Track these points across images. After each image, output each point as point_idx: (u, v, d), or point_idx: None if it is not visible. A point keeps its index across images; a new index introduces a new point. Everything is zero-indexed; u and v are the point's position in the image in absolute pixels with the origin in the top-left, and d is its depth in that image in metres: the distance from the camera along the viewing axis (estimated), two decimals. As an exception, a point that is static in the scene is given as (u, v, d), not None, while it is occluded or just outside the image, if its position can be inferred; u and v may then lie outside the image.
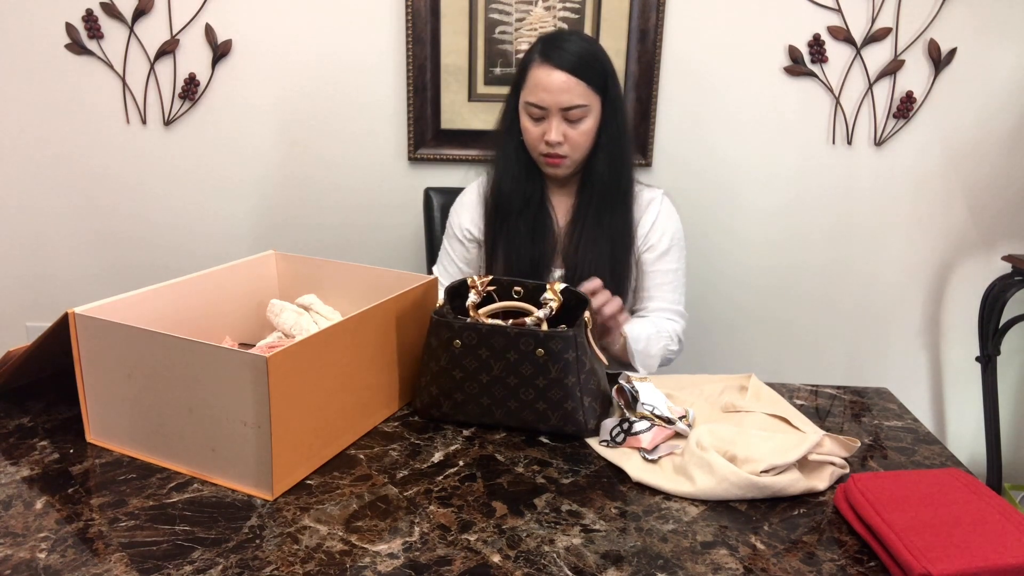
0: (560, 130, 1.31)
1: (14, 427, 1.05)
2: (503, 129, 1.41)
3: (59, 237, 2.08)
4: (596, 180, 1.37)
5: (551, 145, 1.32)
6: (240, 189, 2.05)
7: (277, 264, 1.34)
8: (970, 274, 2.05)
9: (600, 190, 1.38)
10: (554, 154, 1.34)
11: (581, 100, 1.29)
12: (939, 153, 1.96)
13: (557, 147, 1.33)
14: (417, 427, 1.09)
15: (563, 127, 1.31)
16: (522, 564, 0.79)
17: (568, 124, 1.31)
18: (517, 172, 1.41)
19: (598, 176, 1.37)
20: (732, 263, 2.06)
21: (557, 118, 1.30)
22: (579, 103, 1.29)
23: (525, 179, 1.41)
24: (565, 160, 1.35)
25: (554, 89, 1.29)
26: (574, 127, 1.32)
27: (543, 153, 1.35)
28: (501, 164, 1.43)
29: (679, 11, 1.88)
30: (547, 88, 1.29)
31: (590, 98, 1.31)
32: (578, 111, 1.30)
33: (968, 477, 0.89)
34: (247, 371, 0.86)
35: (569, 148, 1.33)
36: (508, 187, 1.41)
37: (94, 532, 0.82)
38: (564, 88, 1.28)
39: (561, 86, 1.28)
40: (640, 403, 1.05)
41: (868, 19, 1.86)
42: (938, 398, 2.17)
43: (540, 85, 1.30)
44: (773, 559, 0.82)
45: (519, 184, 1.41)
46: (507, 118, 1.40)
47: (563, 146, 1.32)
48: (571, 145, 1.33)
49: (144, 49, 1.93)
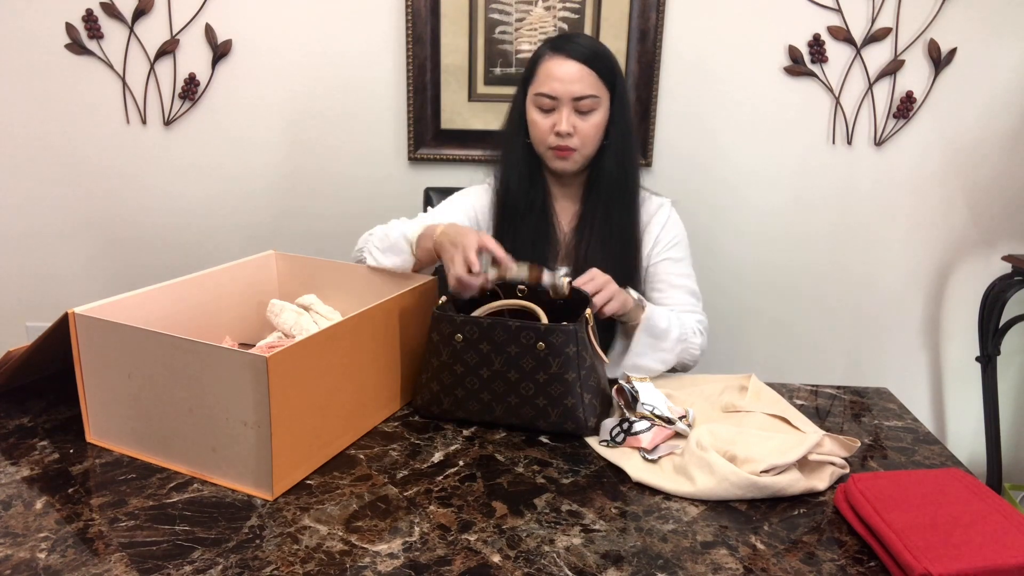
0: (571, 121, 1.30)
1: (14, 427, 1.05)
2: (510, 129, 1.40)
3: (59, 237, 2.08)
4: (604, 179, 1.36)
5: (561, 136, 1.31)
6: (240, 189, 2.05)
7: (277, 264, 1.34)
8: (970, 274, 2.05)
9: (607, 189, 1.36)
10: (564, 146, 1.32)
11: (592, 90, 1.29)
12: (939, 153, 1.96)
13: (567, 139, 1.31)
14: (417, 427, 1.09)
15: (573, 118, 1.30)
16: (522, 564, 0.79)
17: (578, 116, 1.30)
18: (523, 172, 1.39)
19: (606, 174, 1.36)
20: (732, 263, 2.06)
21: (568, 108, 1.30)
22: (591, 93, 1.29)
23: (530, 180, 1.40)
24: (574, 154, 1.33)
25: (566, 78, 1.28)
26: (584, 119, 1.31)
27: (552, 146, 1.33)
28: (508, 164, 1.41)
29: (679, 11, 1.88)
30: (559, 77, 1.29)
31: (600, 90, 1.30)
32: (589, 101, 1.29)
33: (968, 477, 0.89)
34: (247, 371, 0.86)
35: (579, 140, 1.32)
36: (515, 186, 1.39)
37: (94, 532, 0.82)
38: (576, 77, 1.28)
39: (573, 75, 1.28)
40: (640, 403, 1.05)
41: (868, 19, 1.86)
42: (938, 398, 2.17)
43: (552, 75, 1.29)
44: (773, 559, 0.82)
45: (524, 184, 1.39)
46: (514, 117, 1.39)
47: (573, 138, 1.31)
48: (581, 137, 1.31)
49: (144, 49, 1.93)
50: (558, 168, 1.36)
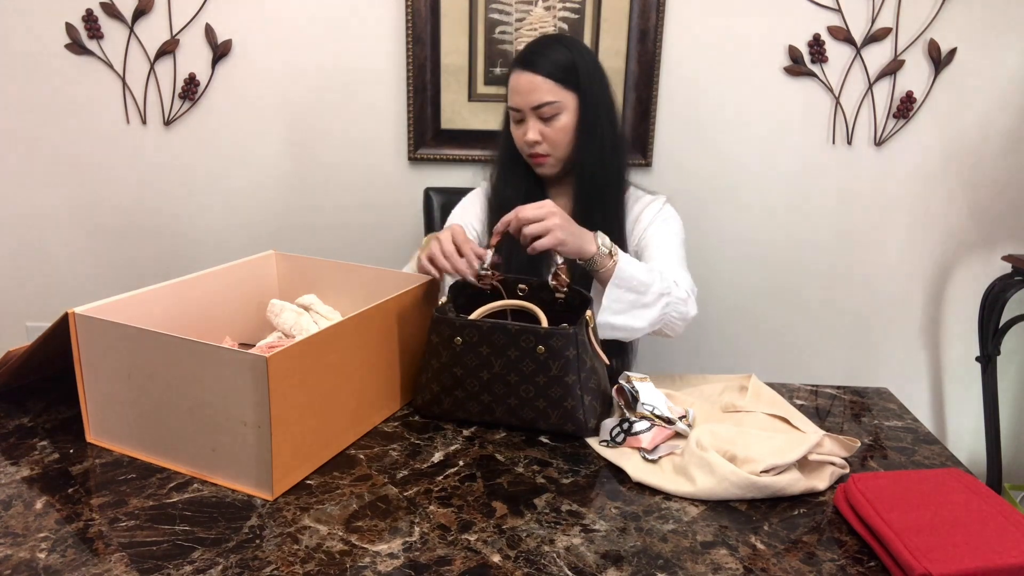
0: (536, 129, 1.35)
1: (14, 427, 1.05)
2: (504, 136, 1.46)
3: (59, 237, 2.08)
4: (586, 175, 1.40)
5: (530, 144, 1.36)
6: (240, 189, 2.05)
7: (277, 264, 1.34)
8: (970, 274, 2.05)
9: (590, 185, 1.40)
10: (536, 153, 1.38)
11: (549, 97, 1.33)
12: (939, 153, 1.96)
13: (536, 146, 1.36)
14: (417, 427, 1.09)
15: (539, 125, 1.35)
16: (522, 564, 0.79)
17: (543, 123, 1.35)
18: (516, 173, 1.45)
19: (588, 171, 1.39)
20: (732, 263, 2.06)
21: (532, 118, 1.35)
22: (547, 100, 1.33)
23: (524, 181, 1.45)
24: (548, 159, 1.38)
25: (522, 90, 1.34)
26: (549, 125, 1.35)
27: (527, 154, 1.40)
28: (501, 166, 1.47)
29: (679, 11, 1.88)
30: (518, 90, 1.35)
31: (560, 95, 1.34)
32: (548, 108, 1.33)
33: (968, 477, 0.89)
34: (247, 371, 0.86)
35: (549, 146, 1.37)
36: (508, 189, 1.45)
37: (94, 532, 0.82)
38: (530, 88, 1.33)
39: (527, 86, 1.33)
40: (640, 403, 1.05)
41: (868, 19, 1.86)
42: (938, 398, 2.17)
43: (514, 89, 1.36)
44: (773, 559, 0.82)
45: (519, 184, 1.44)
46: (506, 122, 1.45)
47: (542, 144, 1.36)
48: (550, 143, 1.36)
49: (144, 49, 1.93)
50: (540, 173, 1.43)
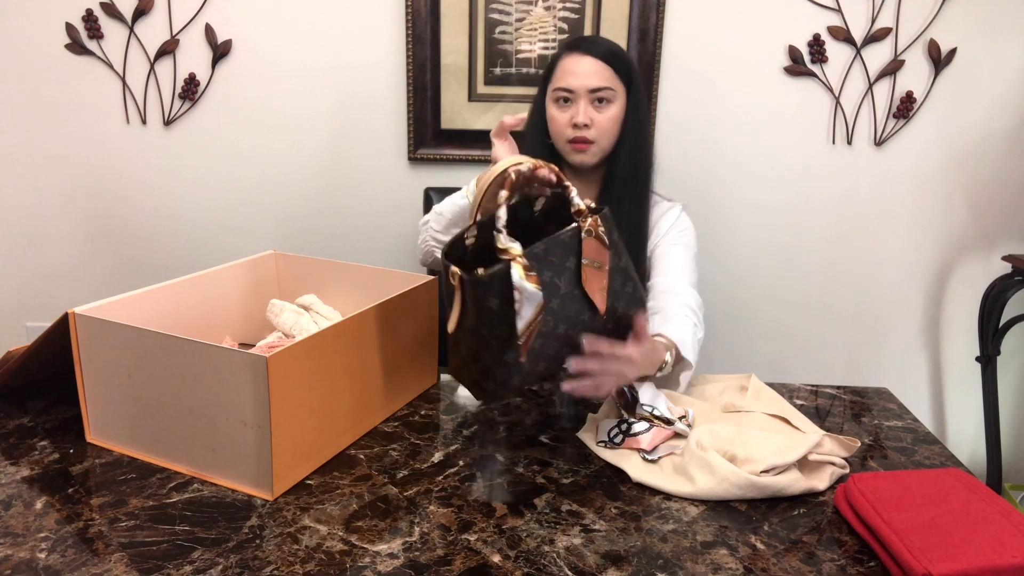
0: (588, 113, 1.34)
1: (14, 427, 1.05)
2: (530, 130, 1.44)
3: (59, 237, 2.08)
4: (619, 172, 1.39)
5: (579, 127, 1.35)
6: (240, 189, 2.05)
7: (277, 264, 1.34)
8: (970, 274, 2.05)
9: (621, 183, 1.39)
10: (581, 138, 1.36)
11: (608, 83, 1.34)
12: (939, 153, 1.96)
13: (584, 130, 1.35)
14: (417, 427, 1.09)
15: (590, 110, 1.35)
16: (522, 564, 0.79)
17: (595, 109, 1.35)
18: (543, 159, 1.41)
19: (621, 167, 1.39)
20: (732, 263, 2.06)
21: (585, 100, 1.34)
22: (607, 85, 1.34)
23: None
24: (592, 146, 1.37)
25: (582, 73, 1.34)
26: (601, 111, 1.35)
27: (570, 139, 1.37)
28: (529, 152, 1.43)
29: (679, 11, 1.88)
30: (576, 72, 1.34)
31: (617, 85, 1.35)
32: (606, 92, 1.34)
33: (968, 477, 0.89)
34: (247, 371, 0.86)
35: (596, 132, 1.36)
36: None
37: (94, 532, 0.82)
38: (593, 71, 1.33)
39: (590, 69, 1.33)
40: (640, 404, 1.05)
41: (868, 19, 1.86)
42: (938, 398, 2.16)
43: (569, 71, 1.35)
44: (773, 559, 0.82)
45: None
46: (533, 118, 1.43)
47: (591, 129, 1.35)
48: (598, 129, 1.35)
49: (144, 49, 1.93)
50: (576, 161, 1.39)
